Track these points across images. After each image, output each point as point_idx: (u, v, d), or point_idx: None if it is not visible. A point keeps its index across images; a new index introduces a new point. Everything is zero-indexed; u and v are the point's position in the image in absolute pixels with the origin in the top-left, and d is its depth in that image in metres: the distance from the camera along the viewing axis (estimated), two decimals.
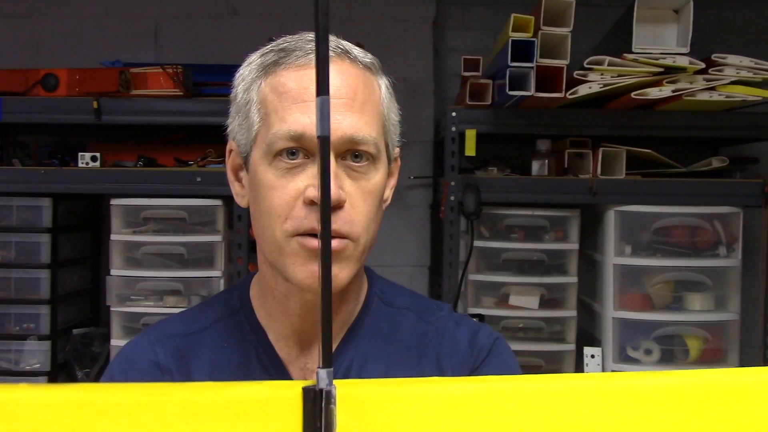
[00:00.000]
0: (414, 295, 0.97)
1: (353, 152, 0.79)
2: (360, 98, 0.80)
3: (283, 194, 0.78)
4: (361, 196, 0.80)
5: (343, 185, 0.78)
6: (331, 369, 0.42)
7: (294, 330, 0.86)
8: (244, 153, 0.84)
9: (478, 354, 0.89)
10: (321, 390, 0.42)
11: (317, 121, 0.43)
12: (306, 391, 0.42)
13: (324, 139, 0.43)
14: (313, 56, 0.79)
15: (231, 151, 0.87)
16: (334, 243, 0.78)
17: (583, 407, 0.46)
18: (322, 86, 0.43)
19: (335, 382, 0.42)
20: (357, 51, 0.84)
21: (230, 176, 0.89)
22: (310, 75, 0.79)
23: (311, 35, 0.82)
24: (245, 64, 0.86)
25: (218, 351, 0.87)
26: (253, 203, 0.84)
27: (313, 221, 0.76)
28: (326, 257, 0.45)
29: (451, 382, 0.48)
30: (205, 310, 0.92)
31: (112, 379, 0.89)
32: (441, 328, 0.91)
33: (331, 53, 0.81)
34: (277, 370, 0.86)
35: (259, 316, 0.89)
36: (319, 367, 0.42)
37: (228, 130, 0.87)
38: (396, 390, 0.45)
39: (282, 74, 0.81)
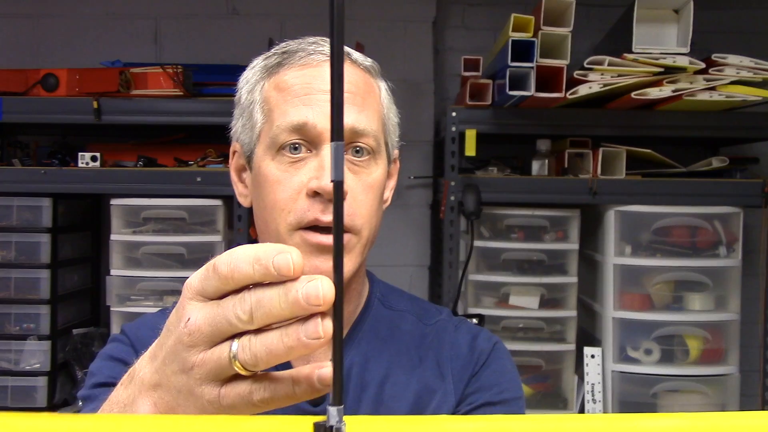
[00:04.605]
0: (414, 299, 0.97)
1: (354, 146, 0.81)
2: (360, 94, 0.82)
3: (287, 188, 0.79)
4: (362, 189, 0.81)
5: (344, 178, 0.78)
6: (342, 407, 0.43)
7: None
8: (247, 152, 0.86)
9: (478, 358, 0.89)
10: (331, 427, 0.43)
11: (331, 166, 0.44)
12: (317, 426, 0.43)
13: (338, 184, 0.44)
14: (315, 56, 0.82)
15: (234, 152, 0.89)
16: None
17: None
18: (337, 132, 0.43)
19: (345, 418, 0.43)
20: (357, 54, 0.86)
21: (234, 177, 0.90)
22: (312, 72, 0.81)
23: (312, 39, 0.84)
24: (249, 67, 0.87)
25: None
26: (256, 199, 0.85)
27: (316, 212, 0.77)
28: (339, 308, 0.45)
29: (463, 421, 0.48)
30: None
31: (116, 339, 0.89)
32: (441, 332, 0.92)
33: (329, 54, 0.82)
34: (284, 364, 0.86)
35: None
36: (329, 405, 0.43)
37: (231, 132, 0.89)
38: (405, 427, 0.46)
39: (285, 73, 0.82)
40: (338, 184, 0.44)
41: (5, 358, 2.12)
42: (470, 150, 1.99)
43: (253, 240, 2.01)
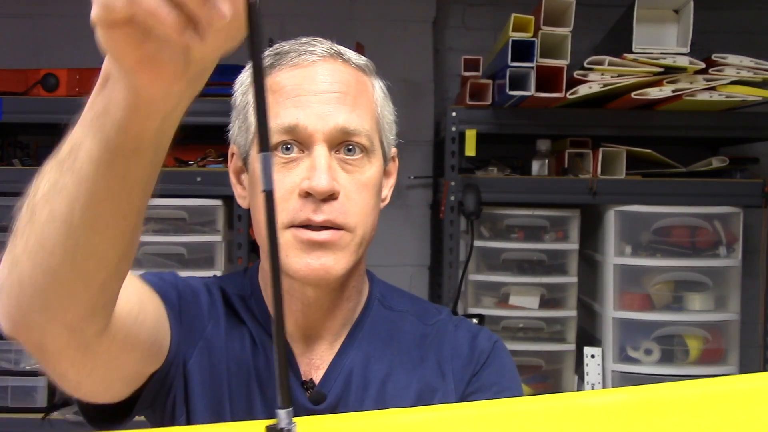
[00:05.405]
0: (413, 299, 0.98)
1: (346, 145, 0.82)
2: (352, 93, 0.83)
3: (280, 188, 0.80)
4: (356, 188, 0.82)
5: (337, 177, 0.80)
6: (291, 409, 0.46)
7: (298, 326, 0.88)
8: (243, 154, 0.87)
9: (479, 357, 0.90)
10: (281, 429, 0.45)
11: (261, 176, 0.44)
12: (269, 430, 0.45)
13: (269, 194, 0.45)
14: (306, 56, 0.83)
15: (233, 154, 0.90)
16: (328, 235, 0.80)
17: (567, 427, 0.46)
18: (264, 143, 0.45)
19: (295, 419, 0.45)
20: (351, 54, 0.86)
21: (232, 179, 0.91)
22: (302, 73, 0.82)
23: (305, 39, 0.85)
24: (244, 70, 0.88)
25: (249, 326, 0.89)
26: (252, 200, 0.86)
27: (308, 212, 0.79)
28: (279, 320, 0.46)
29: (411, 413, 0.49)
30: (227, 284, 0.93)
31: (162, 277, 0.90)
32: (441, 331, 0.92)
33: (323, 54, 0.84)
34: (290, 363, 0.87)
35: (268, 307, 0.90)
36: (278, 408, 0.45)
37: (229, 134, 0.90)
38: (356, 424, 0.47)
39: (277, 74, 0.83)
40: (269, 194, 0.45)
41: (5, 358, 2.11)
42: (470, 150, 1.99)
43: (253, 241, 2.01)
